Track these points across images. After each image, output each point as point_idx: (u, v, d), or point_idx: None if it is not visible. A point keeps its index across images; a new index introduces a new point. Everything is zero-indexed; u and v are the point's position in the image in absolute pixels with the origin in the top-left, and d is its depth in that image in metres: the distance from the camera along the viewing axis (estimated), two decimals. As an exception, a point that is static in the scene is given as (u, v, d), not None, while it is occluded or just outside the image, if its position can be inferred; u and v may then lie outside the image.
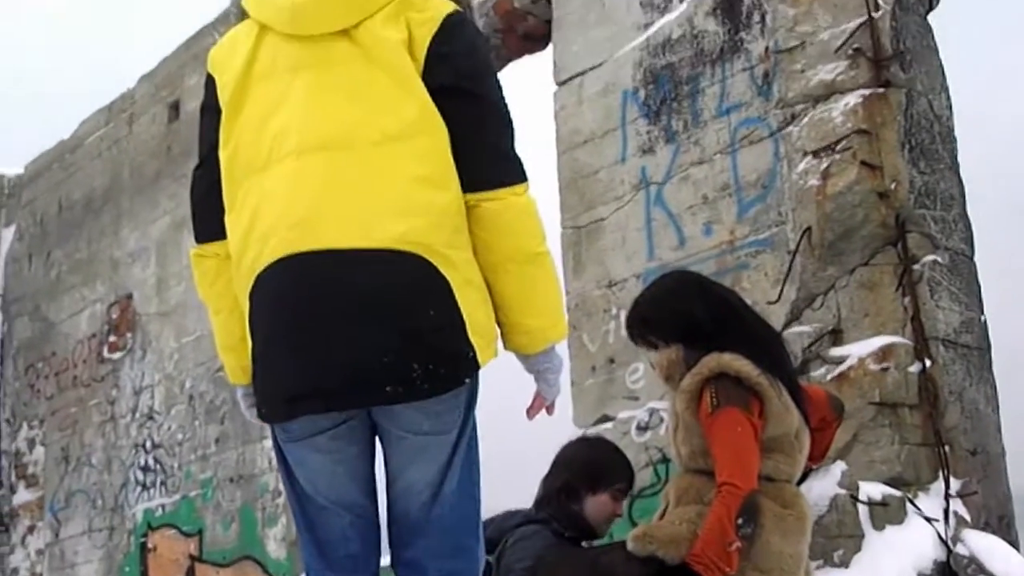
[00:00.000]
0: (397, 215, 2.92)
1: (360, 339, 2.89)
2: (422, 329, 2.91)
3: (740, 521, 4.08)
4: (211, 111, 3.17)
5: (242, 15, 3.21)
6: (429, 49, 3.00)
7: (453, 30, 3.05)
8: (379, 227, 2.91)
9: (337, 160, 2.95)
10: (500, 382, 3.47)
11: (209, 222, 3.19)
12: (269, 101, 3.05)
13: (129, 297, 10.81)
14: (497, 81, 3.14)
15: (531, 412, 3.31)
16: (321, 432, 3.06)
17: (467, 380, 3.01)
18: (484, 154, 3.03)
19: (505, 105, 3.12)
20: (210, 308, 3.30)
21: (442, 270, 2.95)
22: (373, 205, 2.92)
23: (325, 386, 2.92)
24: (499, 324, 3.14)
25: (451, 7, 3.10)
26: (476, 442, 3.21)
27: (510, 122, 3.12)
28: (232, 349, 3.25)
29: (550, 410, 3.31)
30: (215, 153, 3.13)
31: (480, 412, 3.20)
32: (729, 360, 4.35)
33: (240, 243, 3.05)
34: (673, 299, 4.63)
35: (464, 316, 2.97)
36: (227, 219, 3.10)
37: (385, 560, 3.25)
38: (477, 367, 3.01)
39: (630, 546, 4.27)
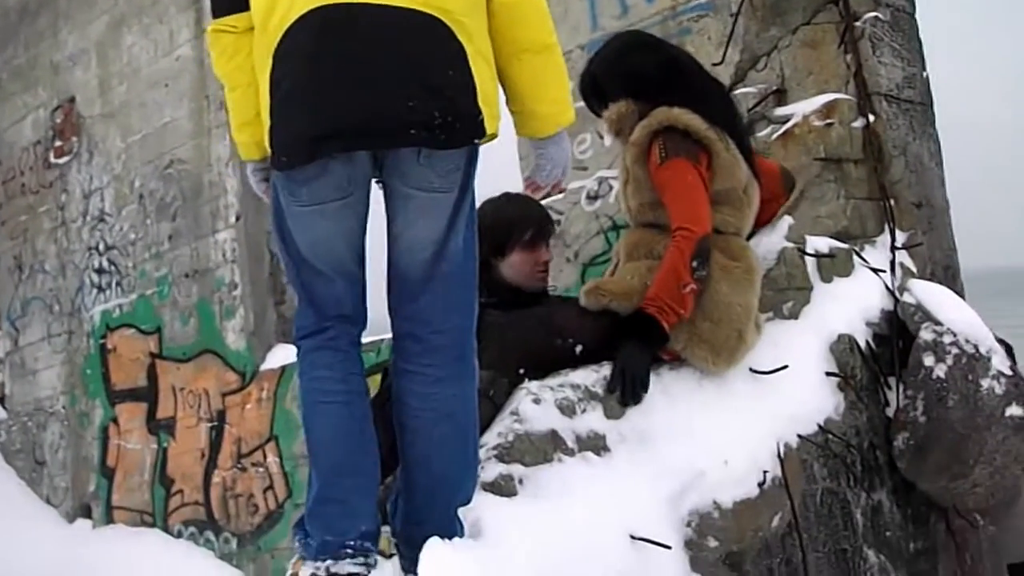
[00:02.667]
0: None
1: (387, 85, 3.10)
2: (442, 85, 3.14)
3: (695, 264, 4.15)
4: None
5: None
6: None
7: None
8: None
9: None
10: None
11: None
12: None
13: (72, 100, 10.65)
14: None
15: (527, 189, 3.69)
16: (330, 201, 3.24)
17: (476, 141, 3.24)
18: None
19: None
20: (227, 84, 3.47)
21: (459, 36, 3.17)
22: None
23: (352, 126, 3.11)
24: (512, 112, 3.43)
25: None
26: (475, 207, 3.43)
27: None
28: (248, 124, 3.43)
29: (538, 189, 3.66)
30: None
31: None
32: (678, 114, 4.41)
33: (267, 4, 3.22)
34: (621, 56, 4.68)
35: (476, 82, 3.19)
36: None
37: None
38: (484, 132, 3.22)
39: (582, 301, 4.34)
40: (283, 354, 8.59)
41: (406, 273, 3.36)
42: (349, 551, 3.23)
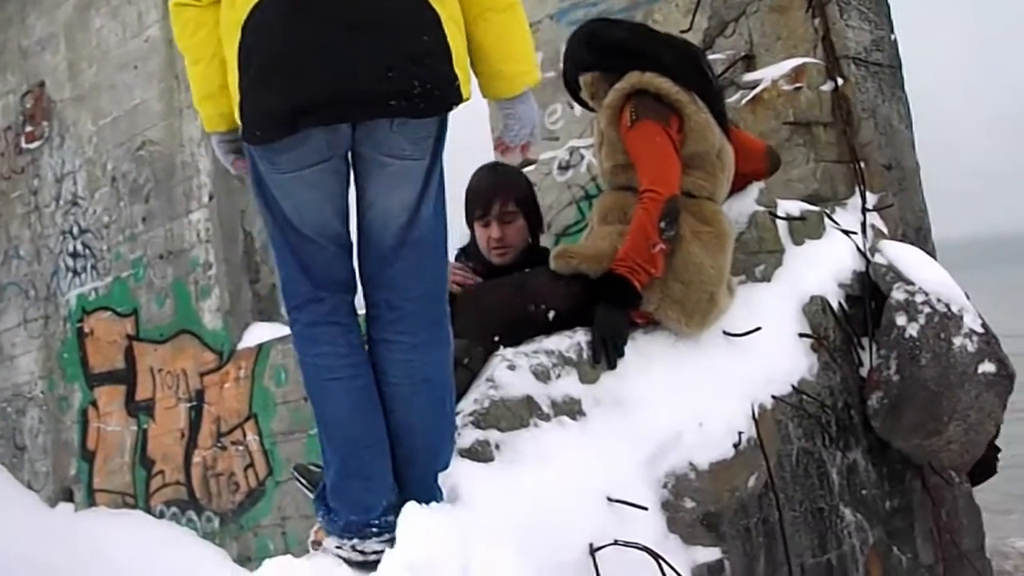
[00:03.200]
0: None
1: (363, 56, 3.11)
2: (419, 52, 3.15)
3: (662, 224, 4.17)
4: None
5: None
6: None
7: None
8: None
9: None
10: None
11: None
12: None
13: (41, 85, 10.59)
14: None
15: (496, 150, 3.71)
16: (310, 167, 3.24)
17: (454, 105, 3.26)
18: None
19: None
20: (189, 58, 3.48)
21: (431, 2, 3.18)
22: None
23: (329, 99, 3.11)
24: (478, 74, 3.41)
25: None
26: (443, 174, 3.44)
27: None
28: (212, 97, 3.45)
29: (508, 151, 3.64)
30: None
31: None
32: (649, 78, 4.45)
33: None
34: (572, 55, 4.82)
35: (451, 48, 3.20)
36: None
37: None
38: (461, 97, 3.26)
39: (553, 265, 4.35)
40: (260, 332, 8.60)
41: (380, 241, 3.37)
42: (375, 529, 3.29)
